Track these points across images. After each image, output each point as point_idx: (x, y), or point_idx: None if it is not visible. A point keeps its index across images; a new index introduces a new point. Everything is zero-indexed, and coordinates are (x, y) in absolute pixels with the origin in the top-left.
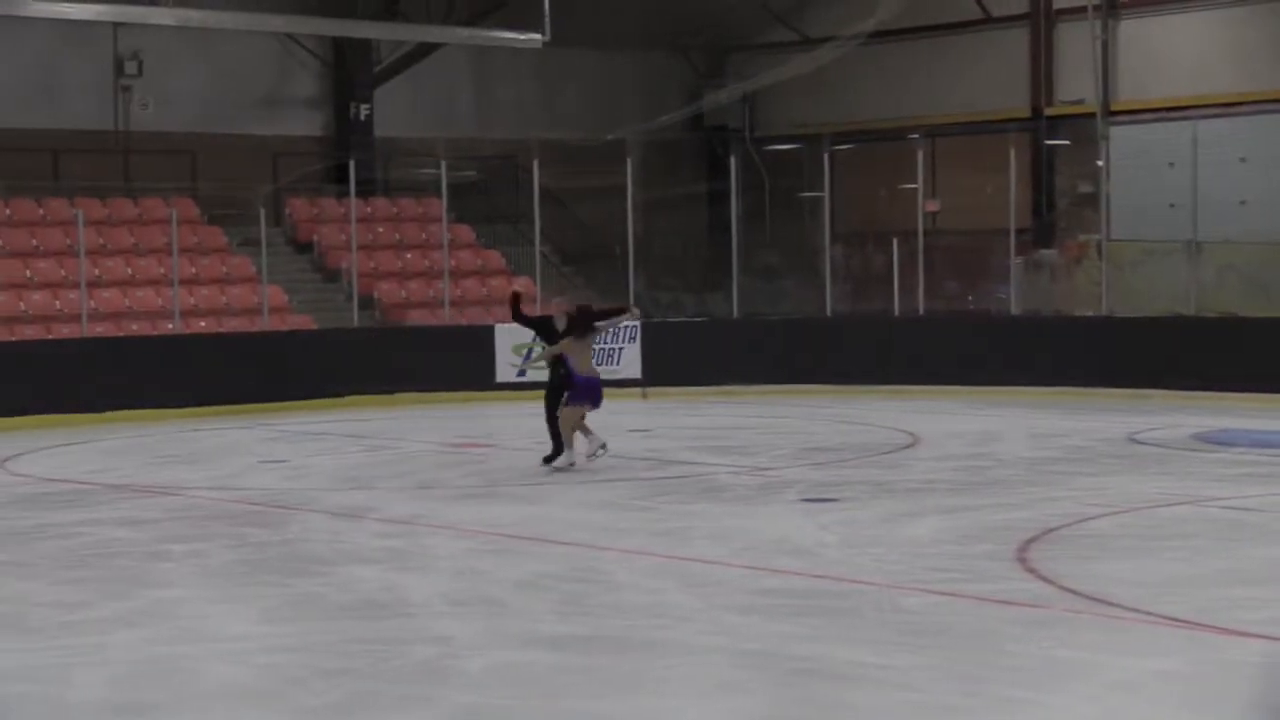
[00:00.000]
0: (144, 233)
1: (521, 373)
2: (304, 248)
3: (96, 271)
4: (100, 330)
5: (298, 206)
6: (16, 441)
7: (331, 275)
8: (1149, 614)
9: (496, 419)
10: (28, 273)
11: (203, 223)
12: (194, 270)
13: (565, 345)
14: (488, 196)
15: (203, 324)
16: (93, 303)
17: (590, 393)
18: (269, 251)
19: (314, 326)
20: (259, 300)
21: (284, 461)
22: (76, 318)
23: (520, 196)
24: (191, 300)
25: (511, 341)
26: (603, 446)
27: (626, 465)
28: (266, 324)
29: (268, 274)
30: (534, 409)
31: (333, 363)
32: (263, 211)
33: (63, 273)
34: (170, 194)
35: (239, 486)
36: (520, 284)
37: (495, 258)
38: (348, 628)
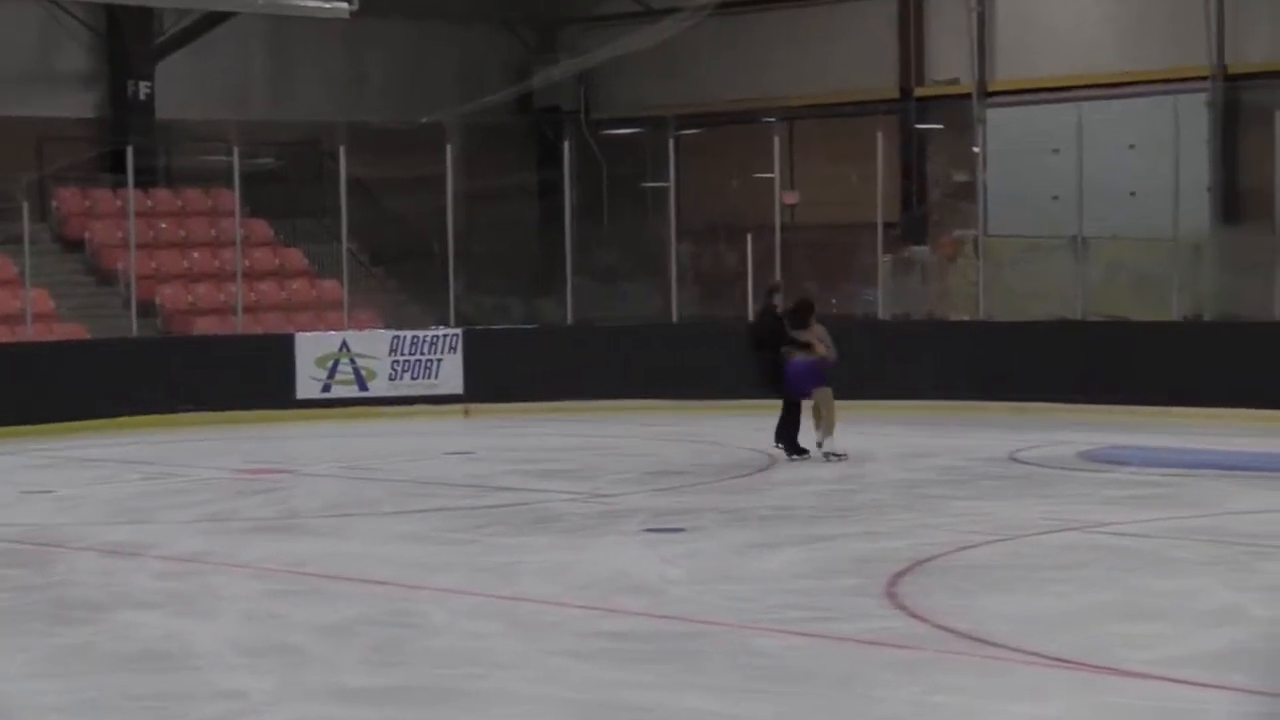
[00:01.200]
0: None
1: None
2: (74, 246)
3: None
4: None
5: (66, 199)
6: None
7: (106, 278)
8: (1032, 654)
9: (297, 441)
10: None
11: None
12: None
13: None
14: (287, 187)
15: None
16: None
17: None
18: (32, 251)
19: (86, 336)
20: (21, 306)
21: (50, 491)
22: None
23: (325, 187)
24: None
25: (315, 352)
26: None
27: (445, 493)
28: (30, 333)
29: (31, 276)
30: (338, 429)
31: (108, 378)
32: (25, 205)
33: None
34: None
35: None
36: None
37: (296, 257)
38: (124, 682)
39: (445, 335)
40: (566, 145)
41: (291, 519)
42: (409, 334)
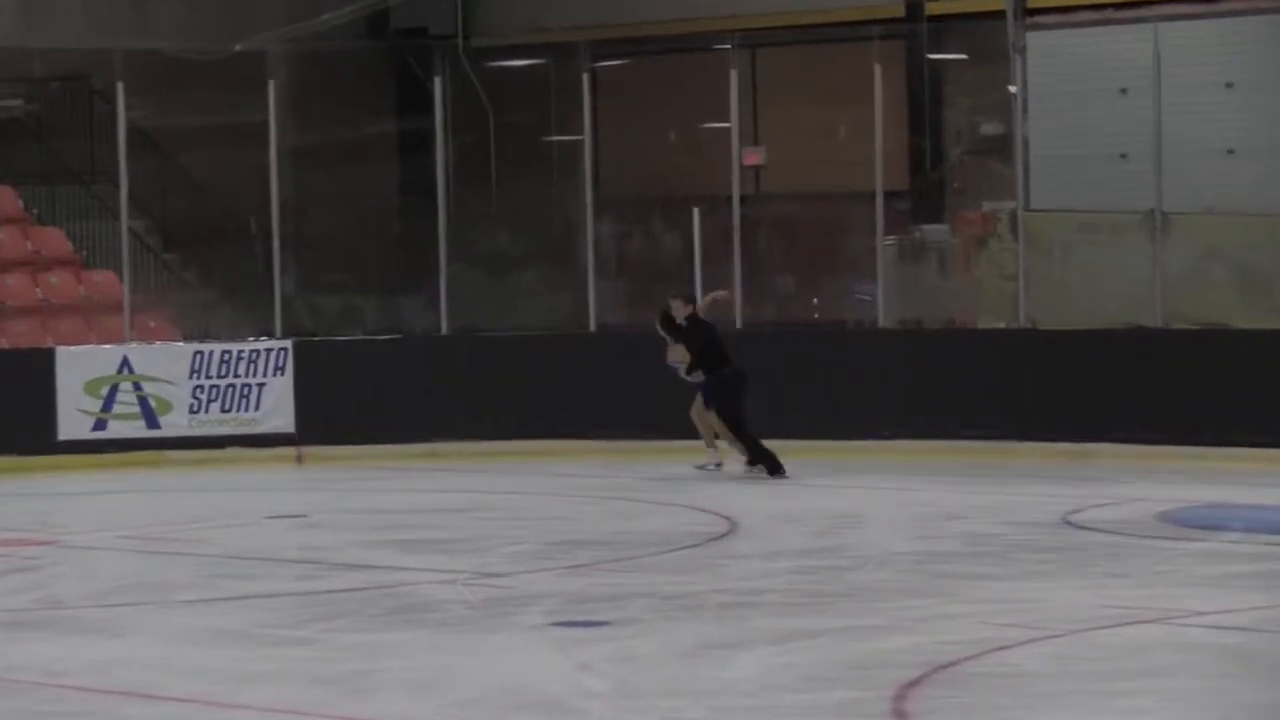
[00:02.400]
0: None
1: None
2: None
3: None
4: None
5: None
6: None
7: None
8: None
9: (59, 499)
10: None
11: None
12: None
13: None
14: (43, 142)
15: None
16: None
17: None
18: None
19: None
20: None
21: None
22: None
23: (96, 142)
24: None
25: (83, 374)
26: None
27: (270, 572)
28: None
29: None
30: (117, 483)
31: None
32: None
33: None
34: None
35: None
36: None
37: (55, 239)
38: None
39: (269, 350)
40: (438, 83)
41: (52, 609)
42: (217, 348)
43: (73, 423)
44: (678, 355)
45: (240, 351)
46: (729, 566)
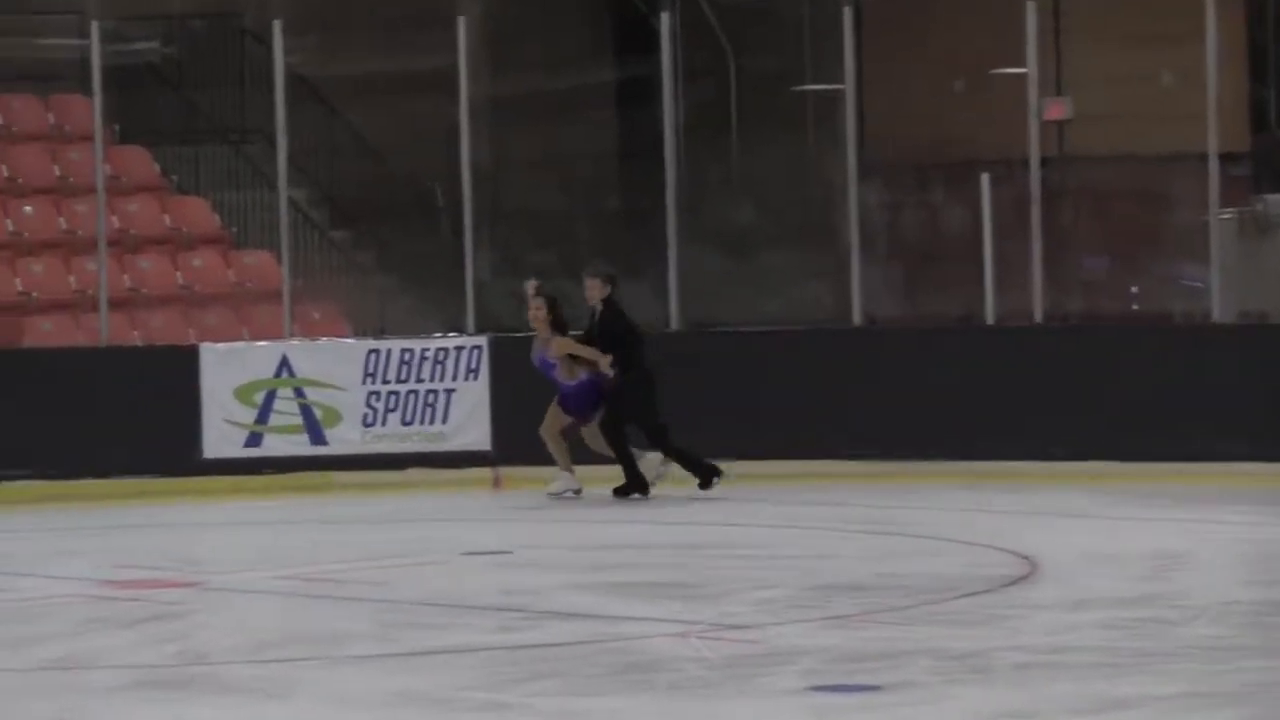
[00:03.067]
0: None
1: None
2: None
3: None
4: None
5: None
6: None
7: None
8: None
9: (205, 531)
10: None
11: None
12: None
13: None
14: (184, 94)
15: None
16: None
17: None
18: None
19: None
20: None
21: None
22: None
23: (248, 93)
24: None
25: (234, 378)
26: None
27: (462, 621)
28: None
29: None
30: (274, 511)
31: None
32: None
33: None
34: None
35: None
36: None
37: (200, 212)
38: None
39: (459, 349)
40: (665, 20)
41: (195, 665)
42: (396, 347)
43: (221, 437)
44: (563, 350)
45: (424, 351)
46: (1027, 618)
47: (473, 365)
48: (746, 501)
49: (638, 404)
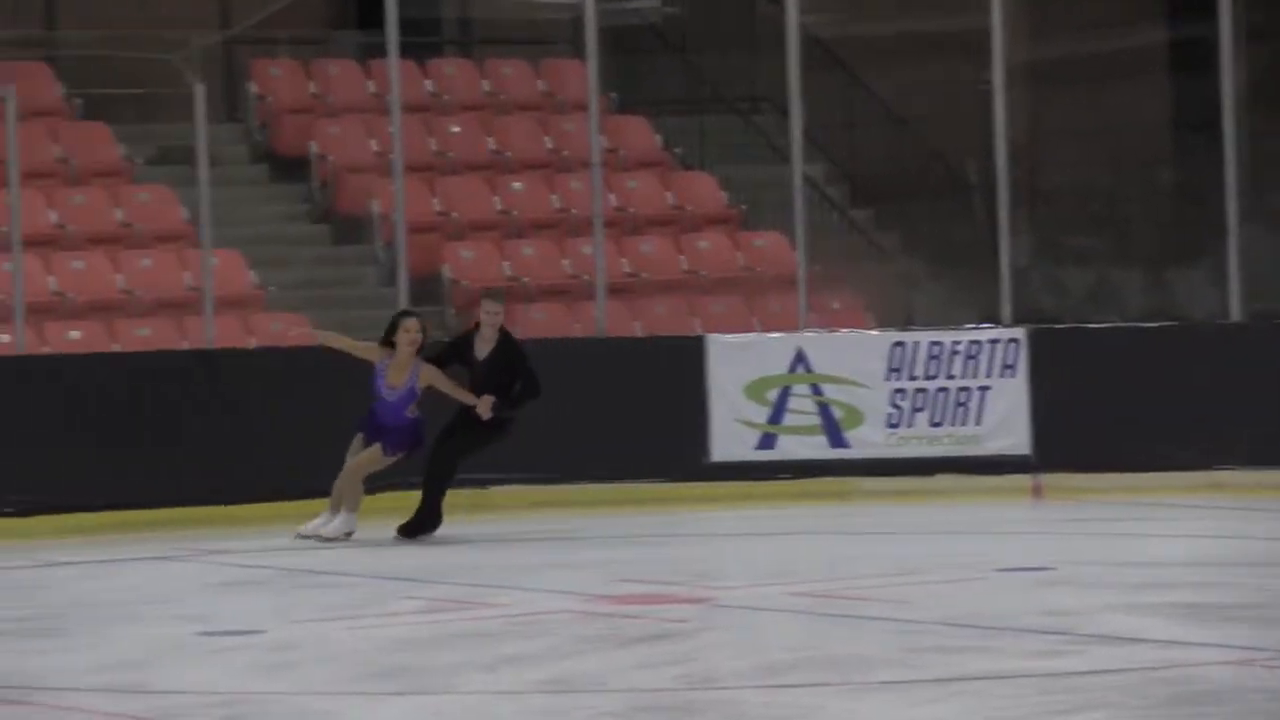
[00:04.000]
0: None
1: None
2: (288, 168)
3: None
4: None
5: (275, 83)
6: None
7: (348, 228)
8: None
9: (711, 541)
10: None
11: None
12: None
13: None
14: (682, 56)
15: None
16: None
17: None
18: (219, 177)
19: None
20: (192, 281)
21: (248, 632)
22: None
23: (759, 58)
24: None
25: (744, 373)
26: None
27: (996, 643)
28: (210, 332)
29: (214, 224)
30: (786, 519)
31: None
32: (200, 91)
33: None
34: None
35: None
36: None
37: (706, 189)
38: None
39: (994, 342)
40: None
41: (701, 690)
42: (924, 339)
43: (730, 438)
44: (429, 381)
45: (955, 344)
46: None
47: (1009, 360)
48: None
49: (477, 444)
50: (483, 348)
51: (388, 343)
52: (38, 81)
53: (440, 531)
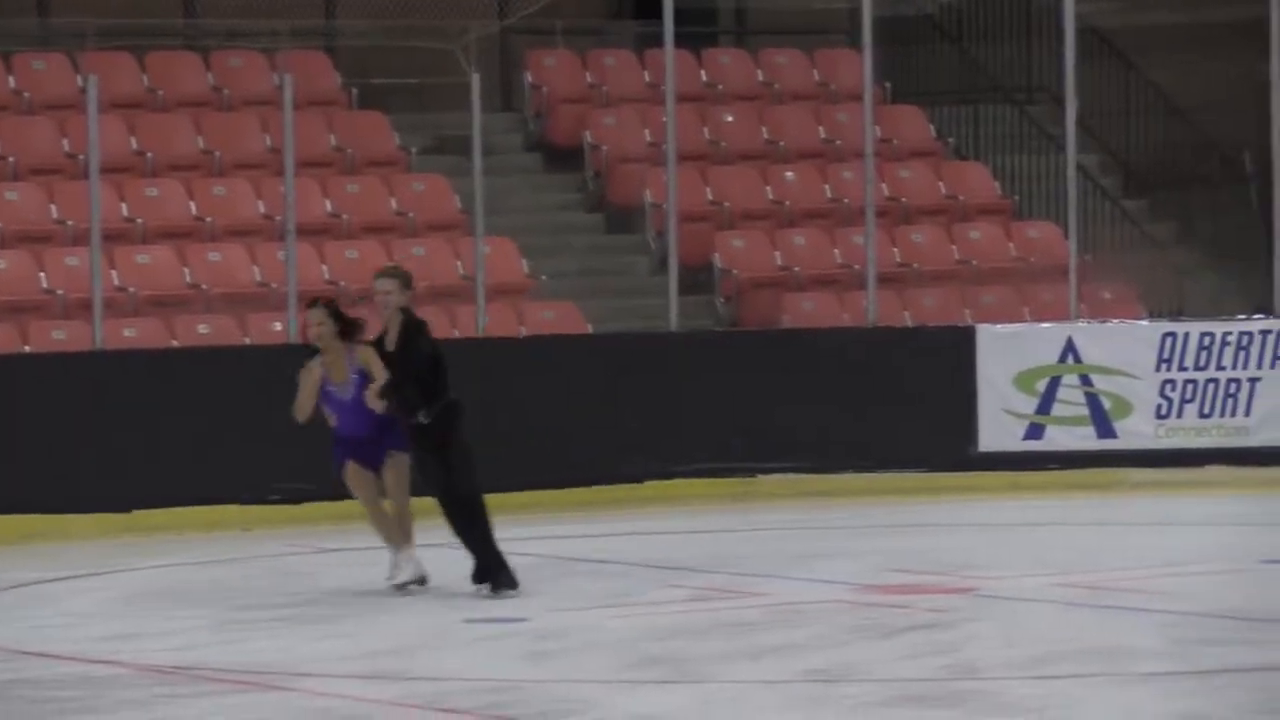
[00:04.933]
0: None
1: None
2: (563, 158)
3: None
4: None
5: (550, 74)
6: None
7: (622, 219)
8: None
9: (979, 531)
10: None
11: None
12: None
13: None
14: (963, 48)
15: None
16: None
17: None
18: (493, 167)
19: (586, 329)
20: (464, 270)
21: (515, 620)
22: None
23: (1035, 47)
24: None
25: (1014, 363)
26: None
27: (1265, 634)
28: (481, 320)
29: (487, 213)
30: (1055, 510)
31: (624, 406)
32: (475, 79)
33: None
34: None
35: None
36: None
37: (979, 179)
38: None
39: (1265, 333)
40: None
41: (965, 680)
42: (1195, 330)
43: (998, 428)
44: (364, 359)
45: (1226, 335)
46: None
47: (1277, 353)
48: None
49: (435, 461)
50: (391, 338)
51: (310, 355)
52: (315, 71)
53: (705, 520)
